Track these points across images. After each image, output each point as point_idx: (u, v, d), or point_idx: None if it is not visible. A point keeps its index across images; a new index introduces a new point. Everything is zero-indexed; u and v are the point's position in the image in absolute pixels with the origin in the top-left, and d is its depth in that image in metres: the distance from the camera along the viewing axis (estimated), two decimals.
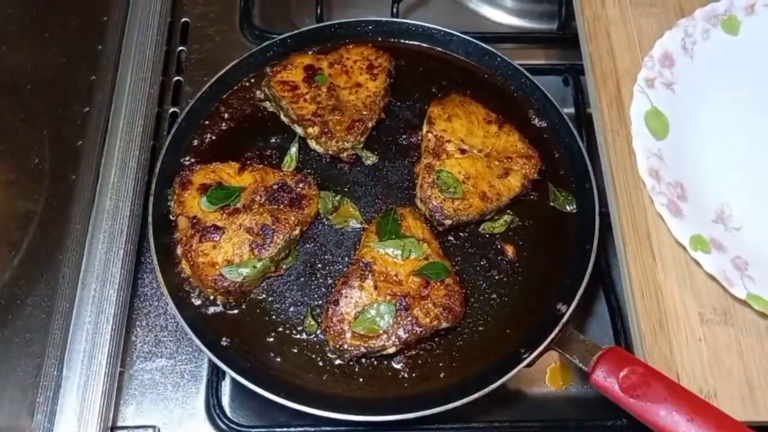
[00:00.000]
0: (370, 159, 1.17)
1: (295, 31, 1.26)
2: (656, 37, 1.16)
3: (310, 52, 1.23)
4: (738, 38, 1.19)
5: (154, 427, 1.04)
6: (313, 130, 1.14)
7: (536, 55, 1.37)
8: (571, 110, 1.27)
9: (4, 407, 0.92)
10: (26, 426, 0.95)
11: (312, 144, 1.17)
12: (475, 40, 1.26)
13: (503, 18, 1.47)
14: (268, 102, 1.21)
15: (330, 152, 1.16)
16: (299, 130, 1.18)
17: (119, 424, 1.05)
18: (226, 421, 1.03)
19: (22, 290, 0.95)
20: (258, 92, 1.22)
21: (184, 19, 1.38)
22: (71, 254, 1.06)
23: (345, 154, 1.16)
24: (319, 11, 1.35)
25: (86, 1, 1.18)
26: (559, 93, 1.32)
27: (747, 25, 1.20)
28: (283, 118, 1.19)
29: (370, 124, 1.17)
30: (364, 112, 1.16)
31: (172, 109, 1.28)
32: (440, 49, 1.28)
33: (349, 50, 1.22)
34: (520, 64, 1.25)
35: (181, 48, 1.35)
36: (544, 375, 1.11)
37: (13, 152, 0.93)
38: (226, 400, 1.06)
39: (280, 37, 1.25)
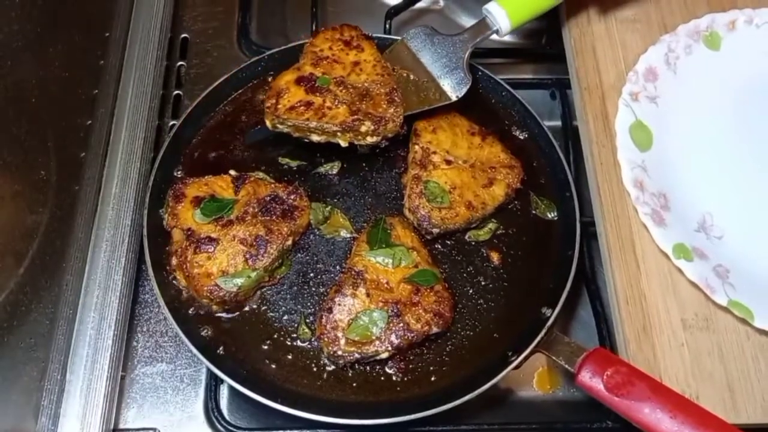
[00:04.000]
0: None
1: (289, 45, 1.28)
2: (640, 52, 1.20)
3: (276, 73, 1.20)
4: (719, 53, 1.23)
5: (154, 429, 1.06)
6: (367, 126, 1.11)
7: (524, 70, 1.41)
8: (558, 123, 1.31)
9: (9, 410, 0.94)
10: (31, 428, 0.97)
11: (367, 141, 1.13)
12: None
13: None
14: (290, 134, 1.15)
15: (388, 136, 1.13)
16: (343, 139, 1.14)
17: (121, 426, 1.06)
18: (224, 424, 1.05)
19: (27, 297, 0.96)
20: (258, 97, 1.24)
21: (183, 35, 1.42)
22: (74, 262, 1.07)
23: (402, 129, 1.14)
24: (313, 27, 1.39)
25: (89, 18, 1.20)
26: (546, 106, 1.36)
27: (728, 41, 1.23)
28: (316, 139, 1.15)
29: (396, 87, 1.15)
30: (385, 78, 1.15)
31: (172, 122, 1.30)
32: None
33: (314, 44, 1.20)
34: (508, 78, 1.29)
35: (180, 63, 1.38)
36: (532, 379, 1.14)
37: (20, 164, 0.94)
38: (224, 404, 1.08)
39: (269, 52, 1.28)
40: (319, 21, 1.41)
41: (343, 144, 1.15)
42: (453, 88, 1.16)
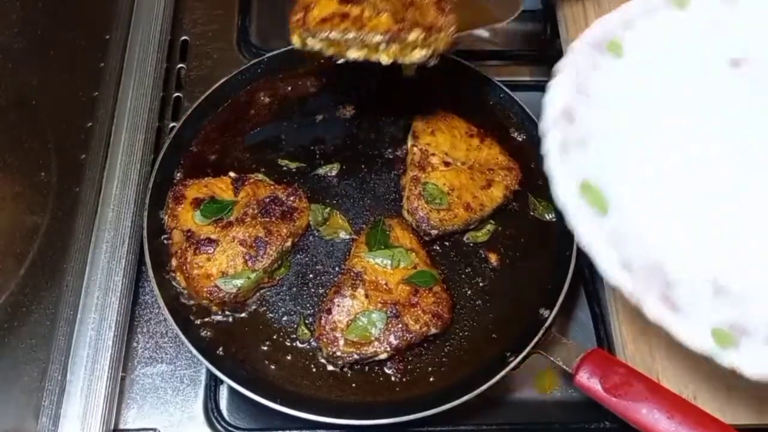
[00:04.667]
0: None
1: (286, 48, 1.28)
2: None
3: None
4: (623, 60, 1.03)
5: (154, 429, 1.06)
6: (416, 35, 0.97)
7: (522, 72, 1.42)
8: None
9: (10, 410, 0.94)
10: (32, 428, 0.97)
11: (414, 56, 1.00)
12: (454, 57, 1.29)
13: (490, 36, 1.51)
14: (321, 52, 1.01)
15: (439, 52, 1.02)
16: (387, 54, 1.00)
17: (121, 426, 1.07)
18: (224, 424, 1.06)
19: (28, 298, 0.97)
20: (262, 96, 1.24)
21: (183, 38, 1.42)
22: (75, 263, 1.08)
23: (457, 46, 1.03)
24: None
25: (89, 20, 1.21)
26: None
27: (630, 43, 1.04)
28: (353, 56, 1.00)
29: None
30: None
31: (171, 124, 1.30)
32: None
33: None
34: (507, 80, 1.29)
35: (180, 65, 1.39)
36: (531, 380, 1.14)
37: (20, 166, 0.95)
38: (223, 404, 1.08)
39: (269, 54, 1.29)
40: None
41: (386, 61, 1.01)
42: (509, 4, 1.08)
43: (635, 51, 1.03)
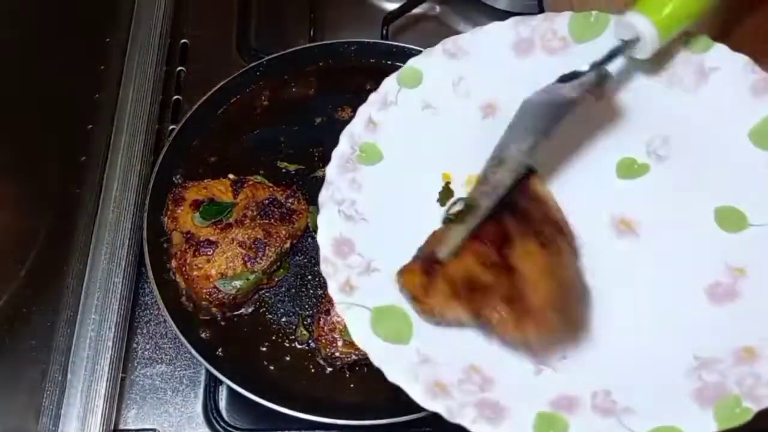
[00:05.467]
0: None
1: (285, 51, 1.29)
2: None
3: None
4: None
5: (154, 430, 1.07)
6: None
7: None
8: None
9: (11, 410, 0.95)
10: (32, 429, 0.98)
11: None
12: None
13: None
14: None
15: None
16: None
17: (121, 427, 1.07)
18: (223, 424, 1.06)
19: (29, 300, 0.97)
20: (261, 99, 1.26)
21: (183, 41, 1.43)
22: (75, 265, 1.08)
23: None
24: (311, 33, 1.41)
25: (90, 24, 1.22)
26: None
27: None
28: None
29: None
30: None
31: (171, 126, 1.31)
32: None
33: None
34: None
35: (180, 68, 1.40)
36: None
37: (22, 168, 0.96)
38: (223, 404, 1.09)
39: (268, 57, 1.29)
40: (317, 27, 1.42)
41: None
42: None
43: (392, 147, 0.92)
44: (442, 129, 0.93)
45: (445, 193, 0.91)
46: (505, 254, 0.78)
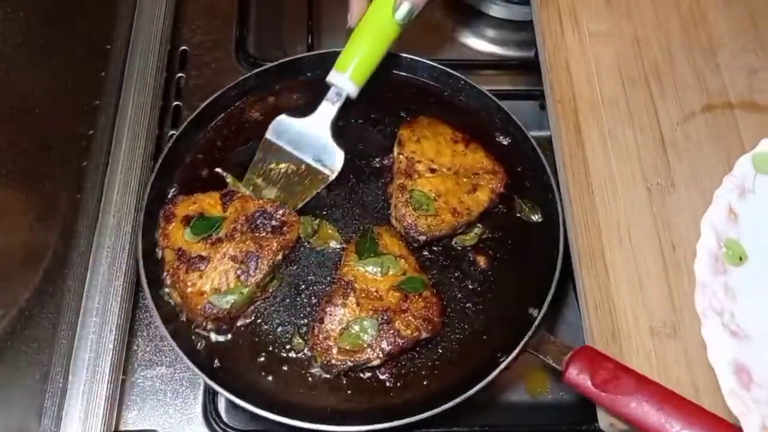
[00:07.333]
0: None
1: (283, 60, 1.30)
2: (613, 66, 1.19)
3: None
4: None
5: (154, 431, 1.09)
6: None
7: (514, 81, 1.45)
8: (548, 133, 1.27)
9: (13, 412, 0.97)
10: (34, 430, 1.00)
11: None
12: (439, 66, 1.31)
13: (484, 47, 1.55)
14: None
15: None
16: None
17: (121, 428, 1.10)
18: (222, 425, 1.09)
19: (30, 303, 0.99)
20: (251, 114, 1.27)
21: (182, 47, 1.46)
22: (76, 268, 1.10)
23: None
24: (309, 41, 1.43)
25: (90, 30, 1.24)
26: (536, 117, 1.38)
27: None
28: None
29: None
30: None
31: (171, 132, 1.33)
32: (408, 75, 1.33)
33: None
34: (498, 90, 1.31)
35: (180, 74, 1.42)
36: (522, 382, 1.17)
37: (23, 173, 0.97)
38: (222, 406, 1.11)
39: (265, 66, 1.30)
40: (315, 34, 1.45)
41: None
42: (330, 164, 1.21)
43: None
44: None
45: None
46: None
